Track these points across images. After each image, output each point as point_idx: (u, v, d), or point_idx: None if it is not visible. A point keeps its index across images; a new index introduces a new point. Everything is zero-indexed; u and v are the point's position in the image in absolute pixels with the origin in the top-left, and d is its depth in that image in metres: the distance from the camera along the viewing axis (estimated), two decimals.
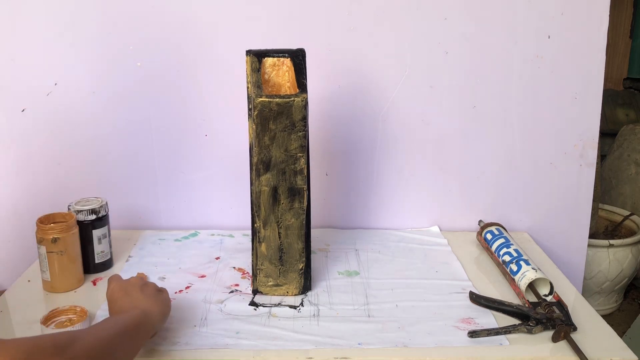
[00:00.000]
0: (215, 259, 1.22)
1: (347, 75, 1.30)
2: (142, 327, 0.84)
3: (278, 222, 1.03)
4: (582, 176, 1.37)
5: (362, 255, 1.25)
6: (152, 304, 0.89)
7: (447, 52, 1.29)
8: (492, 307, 1.02)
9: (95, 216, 1.13)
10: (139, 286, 0.92)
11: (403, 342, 0.94)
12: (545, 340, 0.95)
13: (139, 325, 0.83)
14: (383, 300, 1.07)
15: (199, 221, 1.37)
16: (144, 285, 0.93)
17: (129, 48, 1.26)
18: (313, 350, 0.91)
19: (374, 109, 1.32)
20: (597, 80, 1.32)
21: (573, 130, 1.35)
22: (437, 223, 1.40)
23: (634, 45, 3.04)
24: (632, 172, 2.49)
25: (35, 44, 1.25)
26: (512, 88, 1.32)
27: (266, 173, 0.99)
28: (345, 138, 1.34)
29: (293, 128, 0.96)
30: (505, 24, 1.28)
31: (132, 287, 0.91)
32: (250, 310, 1.03)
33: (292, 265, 1.06)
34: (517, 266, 1.10)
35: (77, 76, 1.27)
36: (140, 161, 1.33)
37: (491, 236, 1.24)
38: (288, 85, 1.05)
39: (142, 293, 0.90)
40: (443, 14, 1.27)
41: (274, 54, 1.05)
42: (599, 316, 1.03)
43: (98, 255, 1.15)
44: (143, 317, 0.85)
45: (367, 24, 1.27)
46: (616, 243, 2.17)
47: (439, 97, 1.32)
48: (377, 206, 1.39)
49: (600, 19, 1.28)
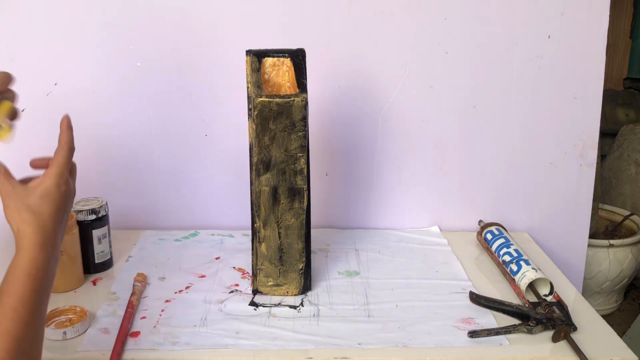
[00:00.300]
0: (215, 259, 1.22)
1: (347, 75, 1.30)
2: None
3: (278, 222, 1.03)
4: (582, 176, 1.37)
5: (362, 255, 1.25)
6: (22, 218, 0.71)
7: (447, 52, 1.29)
8: (492, 307, 1.02)
9: (95, 216, 1.13)
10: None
11: (403, 342, 0.94)
12: (545, 340, 0.95)
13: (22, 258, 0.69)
14: (383, 300, 1.07)
15: (199, 221, 1.37)
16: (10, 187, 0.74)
17: (129, 48, 1.26)
18: (313, 350, 0.91)
19: (374, 109, 1.32)
20: (597, 80, 1.32)
21: (573, 130, 1.35)
22: (437, 223, 1.40)
23: (634, 45, 3.04)
24: (632, 172, 2.49)
25: (35, 44, 1.25)
26: (512, 88, 1.32)
27: (266, 173, 0.99)
28: (345, 138, 1.34)
29: (293, 128, 0.96)
30: (505, 24, 1.28)
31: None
32: (250, 310, 1.03)
33: (292, 265, 1.06)
34: (517, 266, 1.10)
35: (77, 76, 1.27)
36: (140, 161, 1.33)
37: (491, 236, 1.24)
38: (288, 85, 1.05)
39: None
40: (443, 14, 1.27)
41: (274, 54, 1.05)
42: (599, 316, 1.03)
43: (98, 255, 1.15)
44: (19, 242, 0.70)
45: (367, 24, 1.27)
46: (616, 243, 2.17)
47: (439, 97, 1.32)
48: (377, 206, 1.39)
49: (600, 19, 1.28)
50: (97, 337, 0.94)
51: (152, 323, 0.98)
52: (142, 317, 1.00)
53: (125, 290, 1.07)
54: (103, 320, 0.99)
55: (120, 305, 1.03)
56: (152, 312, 1.02)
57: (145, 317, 1.00)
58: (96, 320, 0.99)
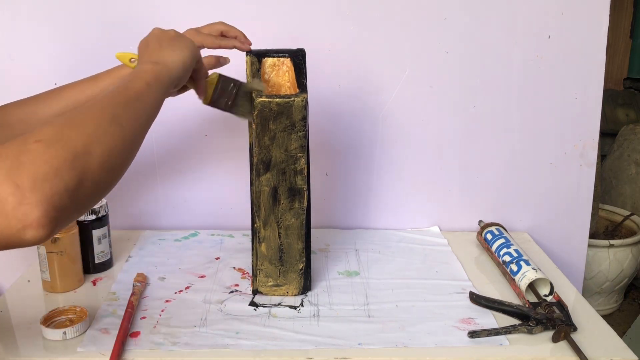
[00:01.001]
0: (215, 259, 1.22)
1: (347, 75, 1.30)
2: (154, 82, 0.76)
3: (278, 222, 1.03)
4: (582, 176, 1.37)
5: (362, 255, 1.25)
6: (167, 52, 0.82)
7: (447, 52, 1.29)
8: (492, 307, 1.02)
9: (95, 216, 1.13)
10: (157, 36, 0.85)
11: (403, 342, 0.94)
12: (545, 340, 0.95)
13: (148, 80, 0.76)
14: (383, 300, 1.07)
15: (199, 221, 1.37)
16: (162, 33, 0.86)
17: (129, 48, 1.26)
18: (313, 351, 0.91)
19: (374, 109, 1.32)
20: (597, 80, 1.32)
21: (573, 130, 1.35)
22: (437, 223, 1.40)
23: (634, 45, 3.04)
24: (632, 172, 2.49)
25: (35, 44, 1.25)
26: (512, 88, 1.32)
27: (266, 173, 0.99)
28: (345, 138, 1.34)
29: (293, 128, 0.96)
30: (505, 24, 1.28)
31: (152, 37, 0.85)
32: (250, 311, 1.03)
33: (292, 265, 1.06)
34: (517, 266, 1.10)
35: (77, 76, 1.27)
36: (140, 161, 1.33)
37: (491, 236, 1.24)
38: (288, 85, 1.05)
39: (157, 43, 0.83)
40: (443, 14, 1.27)
41: (274, 54, 1.05)
42: (599, 316, 1.03)
43: (98, 255, 1.15)
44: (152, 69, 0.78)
45: (367, 24, 1.27)
46: (616, 243, 2.17)
47: (439, 97, 1.32)
48: (377, 206, 1.39)
49: (600, 19, 1.28)
50: (97, 337, 0.94)
51: (152, 323, 0.98)
52: (142, 317, 1.00)
53: (125, 291, 1.07)
54: (103, 320, 0.99)
55: (120, 305, 1.03)
56: (152, 312, 1.02)
57: (145, 317, 1.00)
58: (96, 320, 0.99)
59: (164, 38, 0.85)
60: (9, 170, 0.54)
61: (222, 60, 1.04)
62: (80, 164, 0.58)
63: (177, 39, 0.85)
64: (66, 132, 0.60)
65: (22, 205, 0.53)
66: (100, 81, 0.97)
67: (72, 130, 0.60)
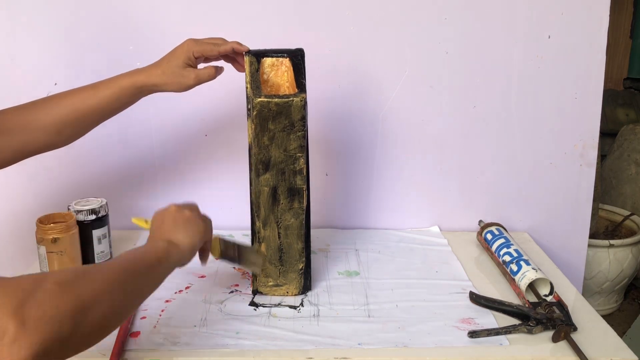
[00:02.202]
0: (216, 259, 1.22)
1: (347, 75, 1.30)
2: (164, 260, 0.81)
3: (278, 222, 1.03)
4: (582, 176, 1.37)
5: (362, 255, 1.25)
6: (181, 234, 0.86)
7: (447, 52, 1.29)
8: (492, 307, 1.02)
9: (95, 216, 1.13)
10: (173, 215, 0.89)
11: (403, 342, 0.94)
12: (545, 340, 0.95)
13: (160, 257, 0.80)
14: (383, 300, 1.07)
15: None
16: (178, 212, 0.89)
17: (129, 48, 1.26)
18: (313, 351, 0.91)
19: (374, 109, 1.32)
20: (597, 80, 1.32)
21: (573, 130, 1.35)
22: (437, 223, 1.40)
23: (634, 45, 3.04)
24: (632, 172, 2.49)
25: (35, 44, 1.25)
26: (512, 88, 1.32)
27: (265, 173, 0.99)
28: (345, 138, 1.34)
29: (292, 128, 0.96)
30: (505, 24, 1.28)
31: (168, 215, 0.89)
32: (250, 311, 1.03)
33: (292, 265, 1.06)
34: (517, 266, 1.10)
35: (77, 76, 1.27)
36: (140, 161, 1.33)
37: (491, 236, 1.24)
38: (287, 85, 1.05)
39: (173, 222, 0.87)
40: (443, 14, 1.27)
41: (273, 54, 1.05)
42: (599, 316, 1.03)
43: (98, 255, 1.15)
44: (165, 249, 0.82)
45: (367, 24, 1.27)
46: (616, 243, 2.17)
47: (439, 97, 1.32)
48: (377, 206, 1.39)
49: (600, 19, 1.28)
50: None
51: (152, 323, 0.98)
52: (142, 317, 1.00)
53: None
54: None
55: None
56: (152, 312, 1.02)
57: (145, 317, 1.00)
58: None
59: (179, 218, 0.88)
60: (19, 304, 0.56)
61: (219, 70, 1.05)
62: (80, 317, 0.61)
63: (191, 223, 0.89)
64: (81, 283, 0.63)
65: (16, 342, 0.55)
66: (100, 91, 0.97)
67: (86, 283, 0.64)
